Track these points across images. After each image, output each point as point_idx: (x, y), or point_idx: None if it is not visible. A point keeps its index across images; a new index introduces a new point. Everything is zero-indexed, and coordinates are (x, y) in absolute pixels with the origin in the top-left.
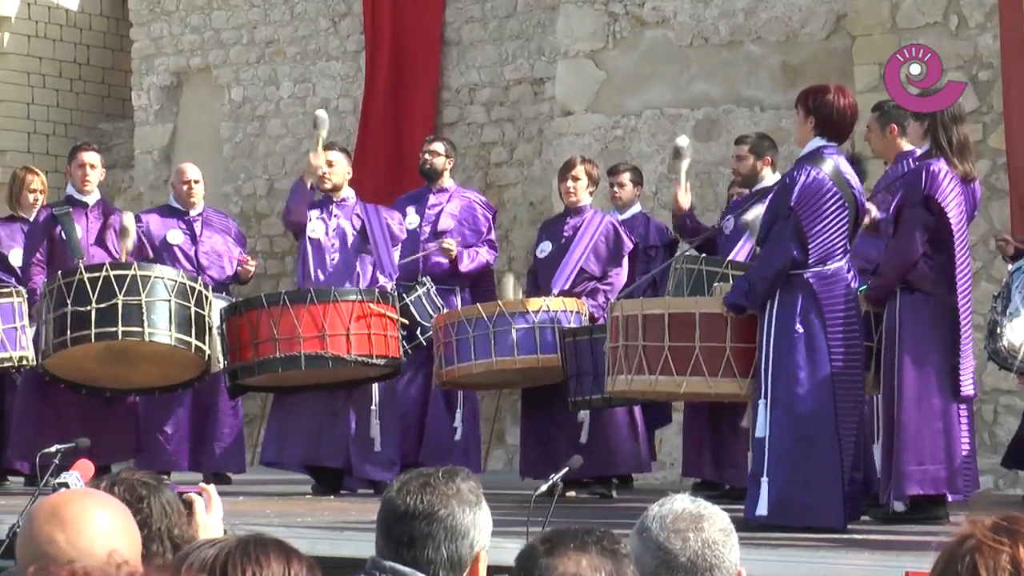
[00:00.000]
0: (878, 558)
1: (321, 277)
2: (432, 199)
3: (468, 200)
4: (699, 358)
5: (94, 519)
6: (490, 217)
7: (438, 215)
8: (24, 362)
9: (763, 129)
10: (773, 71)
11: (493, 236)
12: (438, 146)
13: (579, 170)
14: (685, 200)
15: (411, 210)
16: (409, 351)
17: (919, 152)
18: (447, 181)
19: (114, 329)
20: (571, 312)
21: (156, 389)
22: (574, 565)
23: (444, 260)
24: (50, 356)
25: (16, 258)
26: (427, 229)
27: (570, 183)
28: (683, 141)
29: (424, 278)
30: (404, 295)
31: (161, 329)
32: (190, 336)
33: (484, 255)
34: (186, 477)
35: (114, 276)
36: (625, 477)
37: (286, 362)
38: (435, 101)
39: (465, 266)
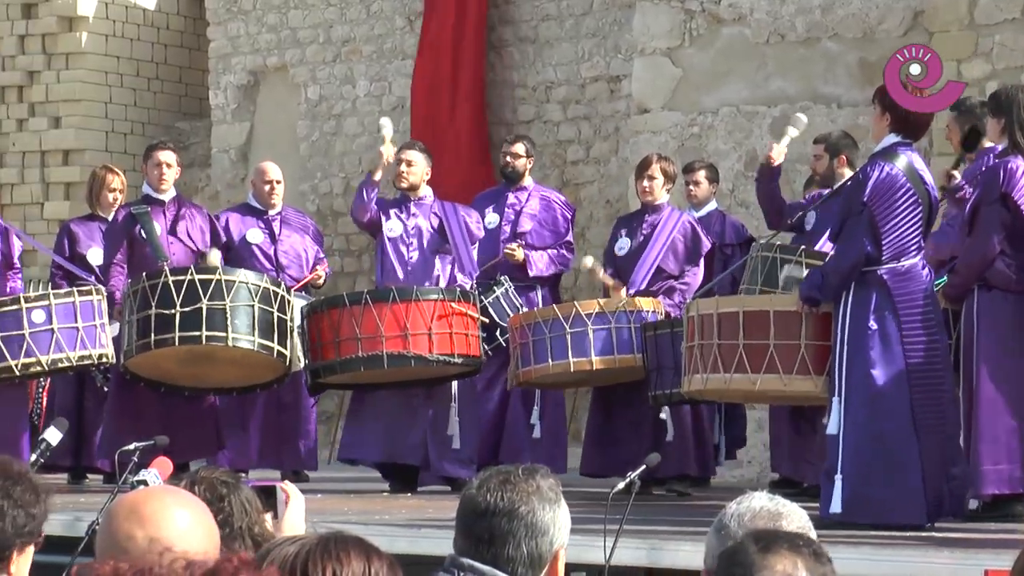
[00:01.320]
0: (957, 556)
1: (400, 276)
2: (511, 198)
3: (548, 200)
4: (774, 356)
5: (174, 516)
6: (569, 217)
7: (518, 214)
8: (104, 360)
9: (840, 126)
10: (850, 68)
11: (571, 237)
12: (519, 147)
13: (655, 168)
14: (779, 155)
15: (489, 209)
16: (489, 352)
17: (999, 148)
18: (526, 180)
19: (198, 333)
20: (647, 312)
21: (234, 389)
22: (791, 565)
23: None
24: (133, 357)
25: (94, 257)
26: (507, 228)
27: (646, 182)
28: (804, 117)
29: (502, 277)
30: (483, 296)
31: (244, 334)
32: (272, 341)
33: (560, 258)
34: (264, 475)
35: (199, 280)
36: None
37: (369, 361)
38: (483, 98)
39: (535, 271)
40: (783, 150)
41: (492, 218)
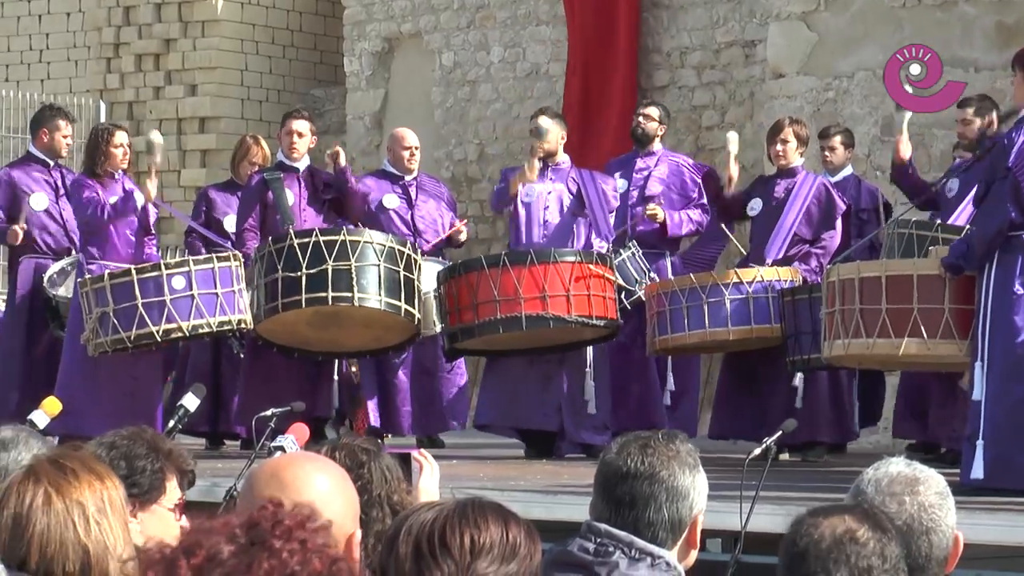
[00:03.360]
0: None
1: (536, 240)
2: (639, 163)
3: (676, 164)
4: (917, 320)
5: (314, 482)
6: (699, 180)
7: (646, 179)
8: (243, 325)
9: (978, 91)
10: (987, 31)
11: (704, 199)
12: (652, 111)
13: (788, 132)
14: (906, 150)
15: (619, 175)
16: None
17: None
18: (656, 145)
19: (324, 294)
20: (785, 281)
21: (368, 352)
22: (839, 521)
23: (654, 224)
24: (262, 321)
25: (230, 224)
26: (635, 194)
27: (779, 146)
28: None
29: (631, 242)
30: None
31: (371, 294)
32: (399, 300)
33: (695, 217)
34: (399, 442)
35: (324, 241)
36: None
37: (507, 323)
38: (636, 65)
39: (672, 229)
40: (907, 136)
41: (621, 183)
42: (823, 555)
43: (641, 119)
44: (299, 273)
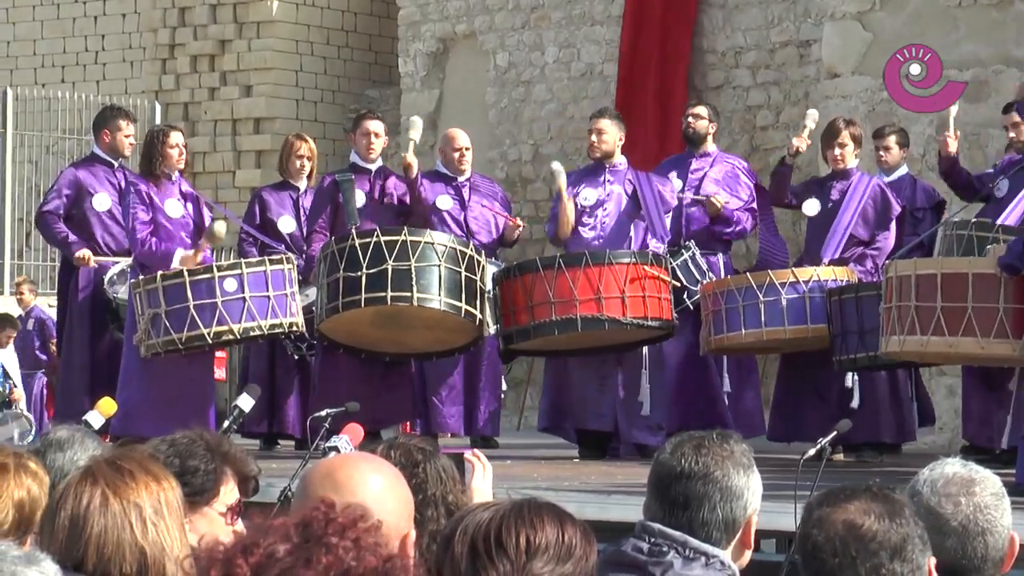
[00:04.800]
0: None
1: (593, 242)
2: (694, 164)
3: (731, 166)
4: (971, 319)
5: (368, 482)
6: (752, 184)
7: (701, 180)
8: (294, 328)
9: None
10: None
11: (754, 204)
12: (701, 110)
13: (845, 135)
14: (953, 145)
15: (673, 175)
16: (677, 315)
17: None
18: (709, 146)
19: (383, 294)
20: (840, 281)
21: (434, 354)
22: (842, 512)
23: (706, 222)
24: (324, 321)
25: (285, 225)
26: (690, 194)
27: (837, 150)
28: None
29: (688, 242)
30: (671, 259)
31: (431, 294)
32: (460, 301)
33: (745, 221)
34: (452, 442)
35: (384, 242)
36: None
37: (562, 325)
38: (688, 66)
39: (724, 227)
40: (955, 134)
41: (676, 184)
42: (828, 558)
43: (691, 119)
44: (359, 273)
